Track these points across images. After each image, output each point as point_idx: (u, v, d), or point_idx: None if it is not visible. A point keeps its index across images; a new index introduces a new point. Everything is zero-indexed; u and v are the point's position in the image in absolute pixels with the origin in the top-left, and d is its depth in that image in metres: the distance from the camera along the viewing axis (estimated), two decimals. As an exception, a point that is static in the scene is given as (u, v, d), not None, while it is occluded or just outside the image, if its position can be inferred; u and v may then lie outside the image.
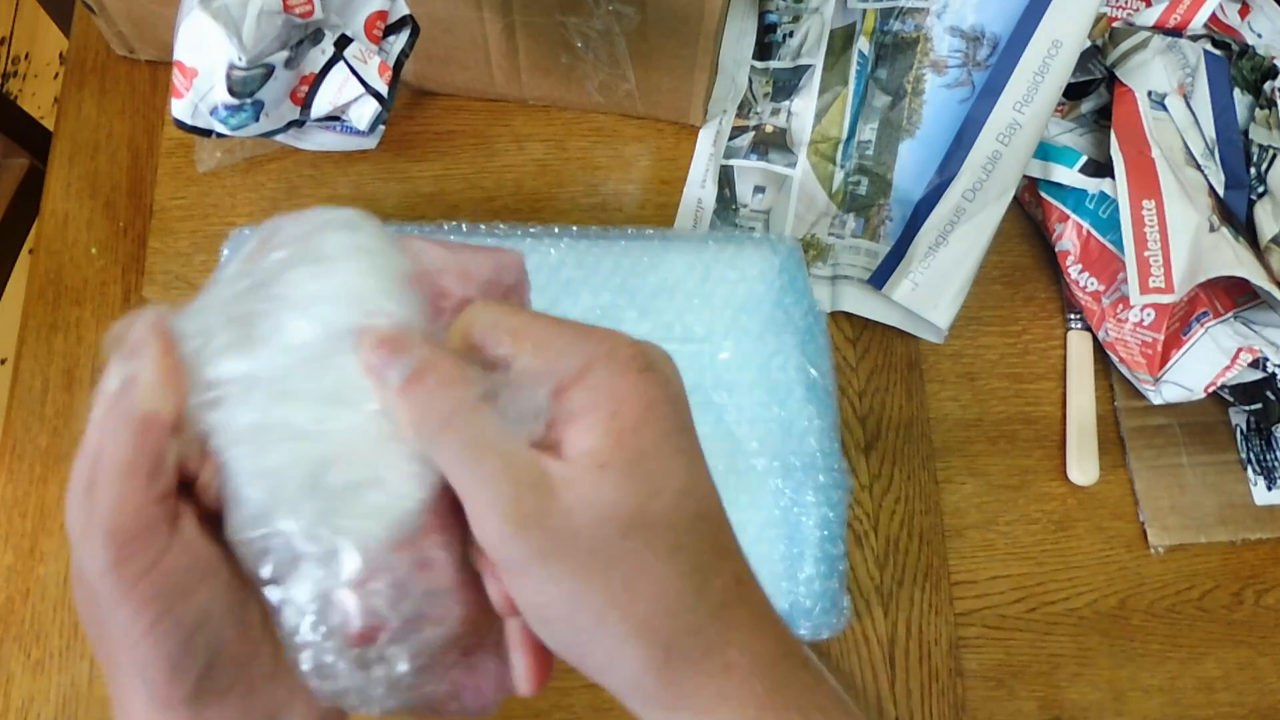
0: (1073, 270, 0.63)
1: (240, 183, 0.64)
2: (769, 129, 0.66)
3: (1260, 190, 0.63)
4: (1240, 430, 0.64)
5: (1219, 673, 0.59)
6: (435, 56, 0.63)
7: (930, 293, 0.61)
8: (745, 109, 0.67)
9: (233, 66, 0.49)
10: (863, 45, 0.65)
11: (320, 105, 0.55)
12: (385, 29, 0.55)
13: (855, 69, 0.65)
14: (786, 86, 0.66)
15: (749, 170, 0.65)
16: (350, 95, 0.55)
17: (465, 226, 0.58)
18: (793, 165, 0.65)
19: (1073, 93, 0.67)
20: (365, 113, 0.55)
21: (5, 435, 0.58)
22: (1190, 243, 0.58)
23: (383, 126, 0.57)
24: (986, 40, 0.63)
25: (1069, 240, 0.64)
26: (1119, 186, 0.60)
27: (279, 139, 0.58)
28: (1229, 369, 0.59)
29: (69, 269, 0.62)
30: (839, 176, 0.65)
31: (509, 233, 0.58)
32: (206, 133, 0.53)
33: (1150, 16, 0.66)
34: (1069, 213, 0.64)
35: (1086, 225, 0.63)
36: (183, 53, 0.50)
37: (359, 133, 0.57)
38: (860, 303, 0.64)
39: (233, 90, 0.50)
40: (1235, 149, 0.64)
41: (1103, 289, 0.62)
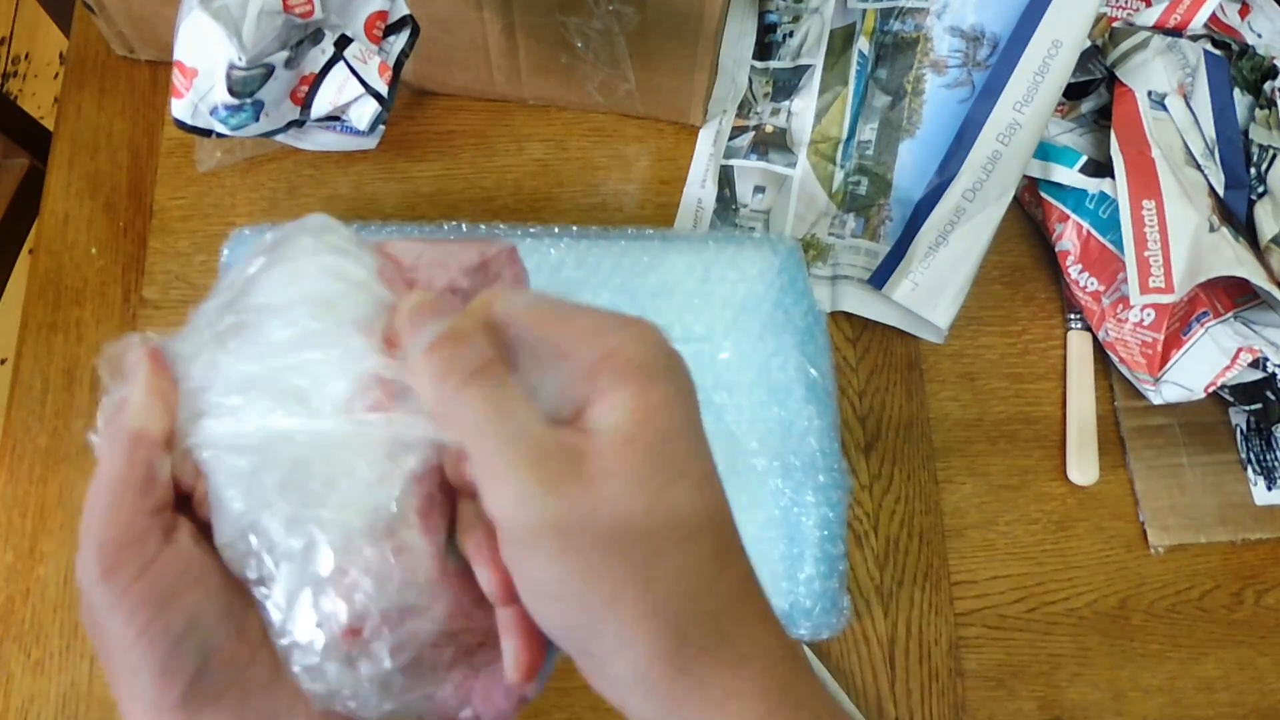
0: (1073, 270, 0.63)
1: (240, 183, 0.64)
2: (769, 129, 0.66)
3: (1260, 190, 0.63)
4: (1240, 430, 0.64)
5: (1219, 673, 0.59)
6: (435, 56, 0.63)
7: (930, 293, 0.61)
8: (745, 109, 0.67)
9: (233, 66, 0.49)
10: (863, 45, 0.65)
11: (320, 105, 0.55)
12: (385, 29, 0.55)
13: (855, 69, 0.65)
14: (786, 86, 0.66)
15: (749, 170, 0.65)
16: (350, 95, 0.55)
17: (465, 226, 0.58)
18: (793, 165, 0.65)
19: (1073, 93, 0.67)
20: (365, 113, 0.55)
21: (5, 435, 0.58)
22: (1190, 243, 0.58)
23: (383, 126, 0.57)
24: (986, 40, 0.63)
25: (1069, 240, 0.64)
26: (1119, 186, 0.60)
27: (279, 139, 0.58)
28: (1229, 369, 0.59)
29: (69, 269, 0.62)
30: (839, 176, 0.65)
31: (509, 233, 0.58)
32: (206, 133, 0.53)
33: (1150, 16, 0.66)
34: (1069, 213, 0.64)
35: (1086, 225, 0.63)
36: (183, 53, 0.50)
37: (359, 133, 0.57)
38: (860, 303, 0.64)
39: (233, 90, 0.50)
40: (1235, 149, 0.64)
41: (1103, 289, 0.62)
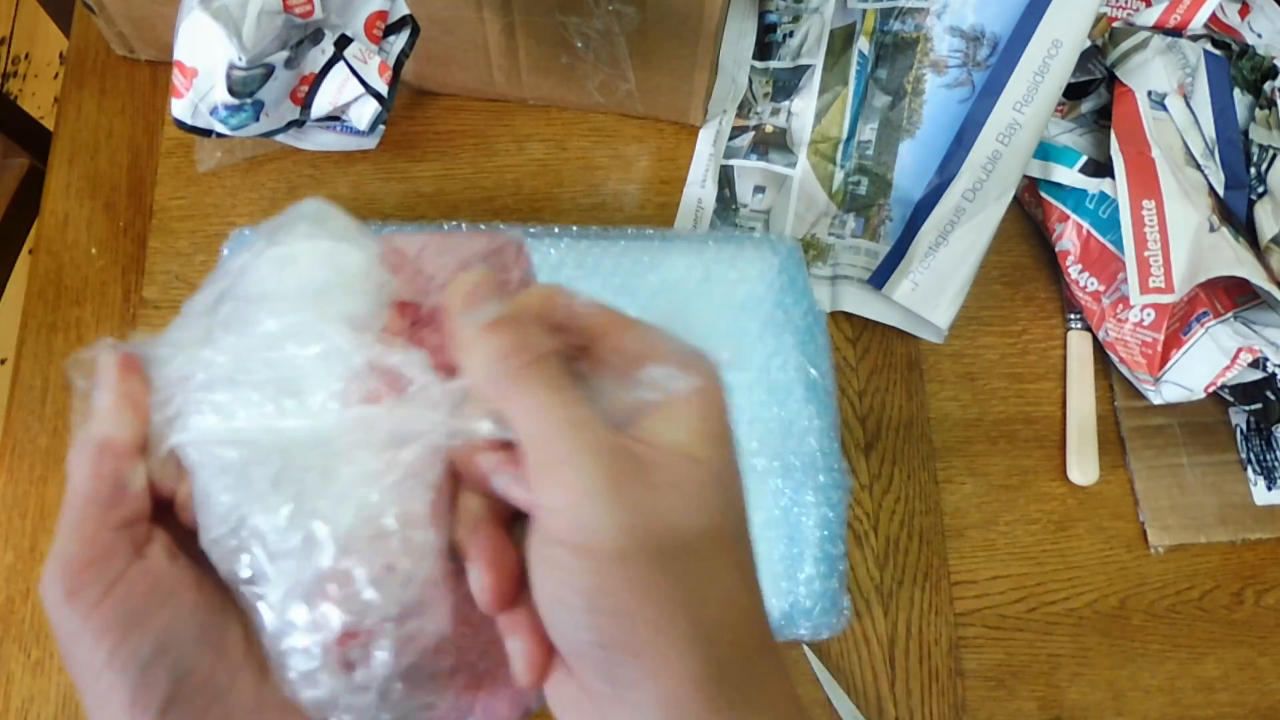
0: (1073, 270, 0.63)
1: (240, 183, 0.64)
2: (769, 129, 0.66)
3: (1260, 190, 0.63)
4: (1240, 430, 0.64)
5: (1219, 673, 0.59)
6: (435, 56, 0.63)
7: (930, 293, 0.61)
8: (745, 109, 0.67)
9: (233, 66, 0.49)
10: (863, 45, 0.65)
11: (320, 105, 0.55)
12: (385, 29, 0.55)
13: (855, 69, 0.65)
14: (786, 86, 0.66)
15: (749, 170, 0.65)
16: (350, 95, 0.55)
17: (465, 226, 0.58)
18: (793, 165, 0.65)
19: (1073, 93, 0.67)
20: (365, 113, 0.55)
21: (5, 435, 0.58)
22: (1190, 243, 0.58)
23: (383, 126, 0.57)
24: (986, 40, 0.63)
25: (1069, 240, 0.64)
26: (1119, 186, 0.60)
27: (279, 139, 0.58)
28: (1229, 369, 0.59)
29: (69, 269, 0.62)
30: (839, 176, 0.65)
31: (508, 233, 0.58)
32: (206, 133, 0.53)
33: (1150, 16, 0.66)
34: (1069, 213, 0.64)
35: (1086, 225, 0.63)
36: (183, 53, 0.50)
37: (359, 133, 0.57)
38: (860, 303, 0.64)
39: (233, 90, 0.50)
40: (1235, 149, 0.64)
41: (1103, 289, 0.62)
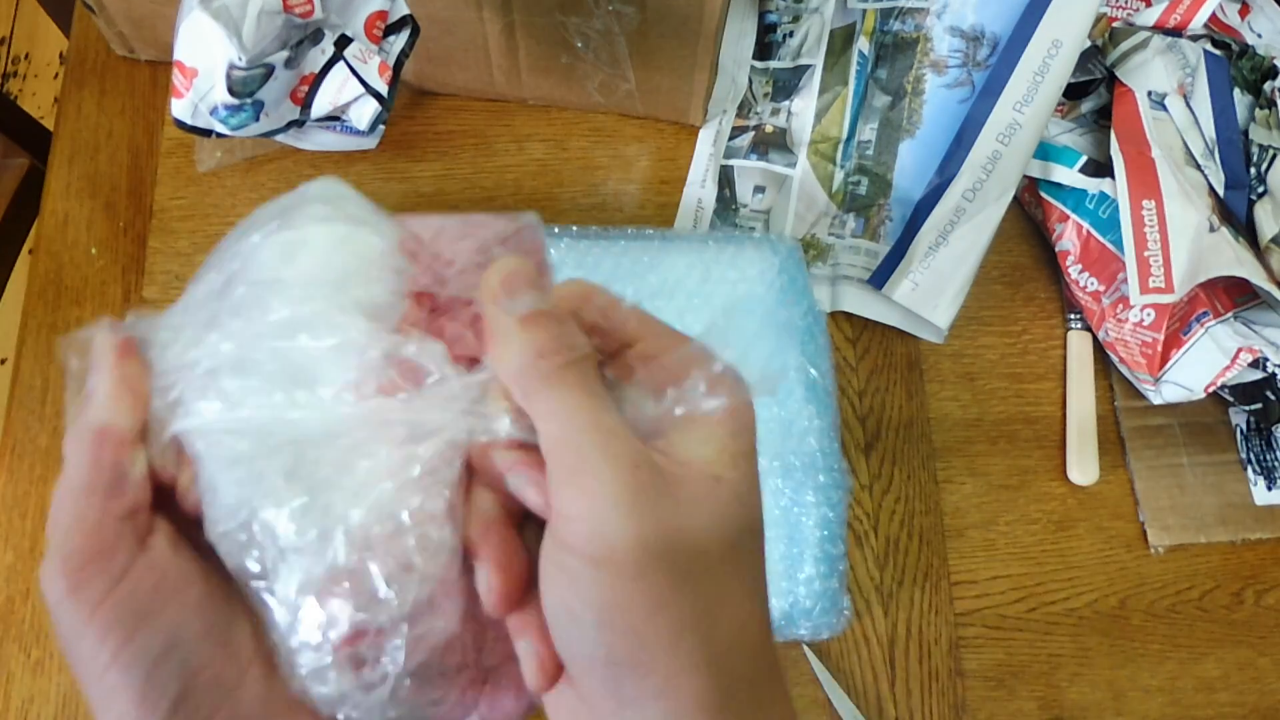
0: (1073, 270, 0.63)
1: (240, 183, 0.64)
2: (769, 129, 0.66)
3: (1260, 190, 0.63)
4: (1240, 430, 0.64)
5: (1219, 673, 0.59)
6: (435, 56, 0.63)
7: (930, 293, 0.61)
8: (745, 109, 0.67)
9: (233, 66, 0.49)
10: (863, 45, 0.65)
11: (320, 105, 0.55)
12: (385, 29, 0.55)
13: (855, 69, 0.65)
14: (786, 86, 0.66)
15: (749, 170, 0.65)
16: (350, 95, 0.55)
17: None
18: (793, 165, 0.65)
19: (1073, 93, 0.67)
20: (365, 113, 0.55)
21: (5, 435, 0.58)
22: (1190, 243, 0.58)
23: (383, 126, 0.57)
24: (986, 40, 0.63)
25: (1069, 240, 0.64)
26: (1119, 186, 0.60)
27: (279, 139, 0.58)
28: (1229, 369, 0.59)
29: (69, 269, 0.62)
30: (839, 176, 0.65)
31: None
32: (206, 133, 0.53)
33: (1150, 16, 0.66)
34: (1069, 213, 0.64)
35: (1086, 225, 0.63)
36: (183, 53, 0.50)
37: (359, 133, 0.57)
38: (860, 303, 0.64)
39: (233, 90, 0.50)
40: (1235, 149, 0.64)
41: (1103, 289, 0.62)
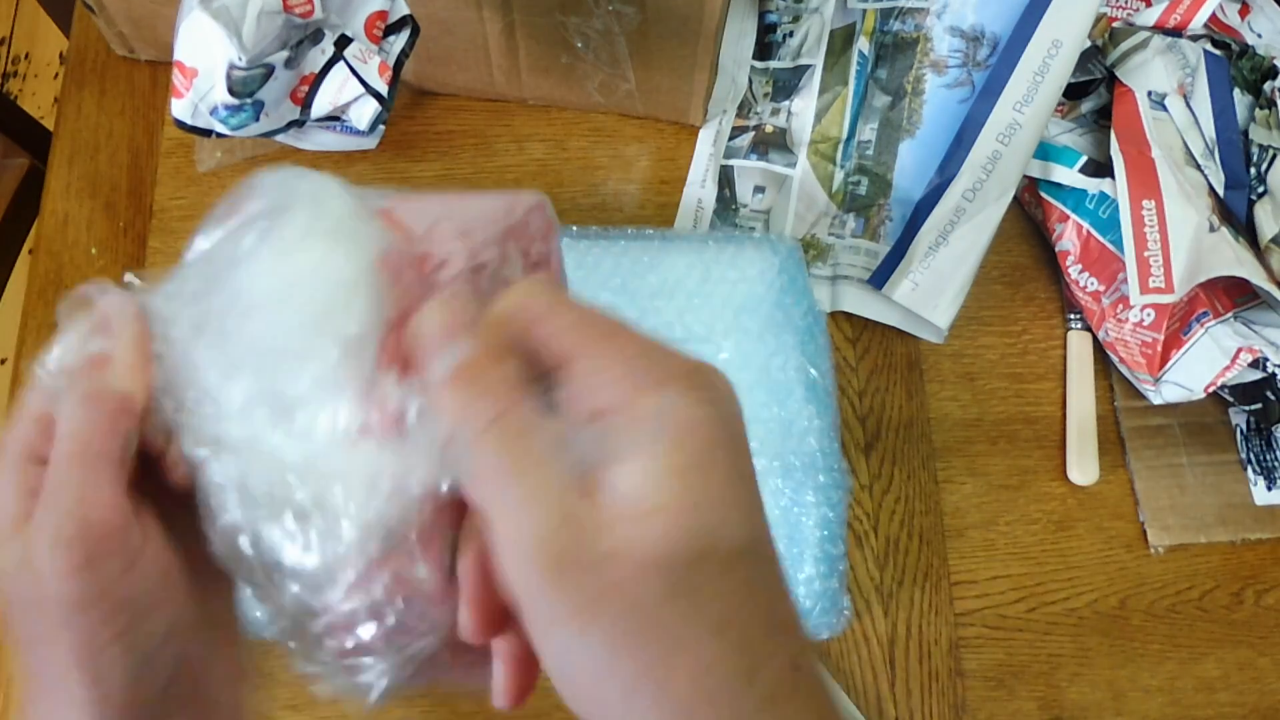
0: (1073, 270, 0.63)
1: (240, 183, 0.64)
2: (769, 129, 0.66)
3: (1260, 190, 0.63)
4: (1240, 430, 0.64)
5: (1219, 673, 0.59)
6: (435, 56, 0.63)
7: (930, 293, 0.61)
8: (745, 109, 0.67)
9: (233, 66, 0.49)
10: (863, 45, 0.65)
11: (320, 105, 0.55)
12: (385, 29, 0.55)
13: (855, 69, 0.65)
14: (786, 86, 0.66)
15: (749, 170, 0.65)
16: (350, 95, 0.55)
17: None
18: (793, 165, 0.65)
19: (1073, 93, 0.67)
20: (365, 113, 0.55)
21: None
22: (1190, 243, 0.58)
23: (383, 126, 0.57)
24: (986, 40, 0.63)
25: (1069, 240, 0.64)
26: (1119, 186, 0.60)
27: (279, 139, 0.58)
28: (1229, 369, 0.59)
29: (69, 269, 0.62)
30: (839, 176, 0.65)
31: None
32: (206, 133, 0.53)
33: (1150, 16, 0.66)
34: (1069, 213, 0.64)
35: (1086, 225, 0.63)
36: (183, 53, 0.50)
37: (359, 133, 0.57)
38: (860, 303, 0.64)
39: (233, 90, 0.50)
40: (1235, 149, 0.64)
41: (1103, 289, 0.62)
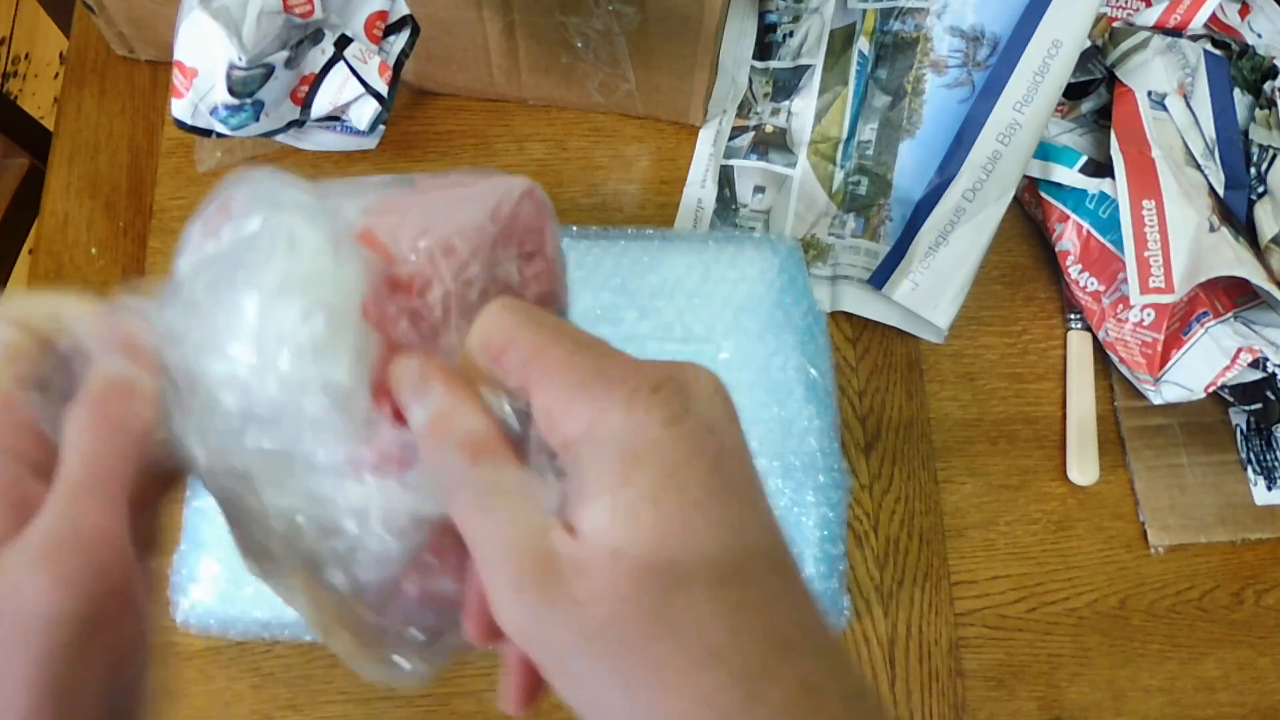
0: (1073, 270, 0.63)
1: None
2: (769, 129, 0.66)
3: (1260, 190, 0.63)
4: (1240, 430, 0.64)
5: (1219, 673, 0.59)
6: (435, 56, 0.63)
7: (930, 293, 0.61)
8: (745, 109, 0.67)
9: (233, 66, 0.49)
10: (863, 45, 0.65)
11: (320, 105, 0.55)
12: (385, 29, 0.55)
13: (855, 69, 0.65)
14: (786, 86, 0.66)
15: (749, 170, 0.65)
16: (350, 95, 0.55)
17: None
18: (793, 165, 0.65)
19: (1073, 93, 0.67)
20: (365, 113, 0.55)
21: (5, 435, 0.58)
22: (1190, 243, 0.58)
23: (383, 126, 0.57)
24: (986, 40, 0.63)
25: (1069, 240, 0.64)
26: (1119, 186, 0.60)
27: (279, 139, 0.58)
28: (1229, 369, 0.59)
29: (69, 269, 0.62)
30: (839, 176, 0.65)
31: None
32: (206, 133, 0.53)
33: (1150, 16, 0.66)
34: (1069, 213, 0.64)
35: (1086, 225, 0.63)
36: (183, 53, 0.50)
37: (359, 133, 0.57)
38: (860, 303, 0.64)
39: (233, 90, 0.50)
40: (1235, 149, 0.64)
41: (1103, 289, 0.62)
